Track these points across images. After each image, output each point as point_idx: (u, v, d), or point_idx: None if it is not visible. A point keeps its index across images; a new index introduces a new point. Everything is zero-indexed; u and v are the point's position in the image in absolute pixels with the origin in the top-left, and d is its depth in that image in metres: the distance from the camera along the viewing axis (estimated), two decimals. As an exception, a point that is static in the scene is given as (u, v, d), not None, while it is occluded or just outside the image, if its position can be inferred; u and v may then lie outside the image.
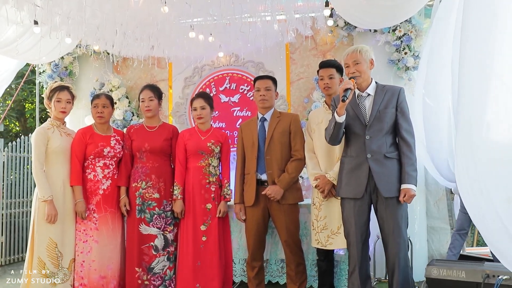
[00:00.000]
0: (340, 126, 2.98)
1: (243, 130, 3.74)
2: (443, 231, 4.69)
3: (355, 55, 3.04)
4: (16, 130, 10.08)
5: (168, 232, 3.69)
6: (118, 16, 3.79)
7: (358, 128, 3.04)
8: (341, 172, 3.15)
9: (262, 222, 3.59)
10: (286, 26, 4.49)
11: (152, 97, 3.74)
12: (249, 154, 3.63)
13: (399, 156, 3.00)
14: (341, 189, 3.12)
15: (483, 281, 2.67)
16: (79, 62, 5.37)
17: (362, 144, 3.01)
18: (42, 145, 3.49)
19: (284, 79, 5.05)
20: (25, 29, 4.19)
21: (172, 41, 4.46)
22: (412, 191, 2.90)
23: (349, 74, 3.05)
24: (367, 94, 3.07)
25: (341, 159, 3.19)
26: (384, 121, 2.98)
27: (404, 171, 2.93)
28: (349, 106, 3.04)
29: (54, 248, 3.46)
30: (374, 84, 3.11)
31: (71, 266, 3.52)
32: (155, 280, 3.63)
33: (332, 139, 3.08)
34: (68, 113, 3.68)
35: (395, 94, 3.02)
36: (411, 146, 2.97)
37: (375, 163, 2.97)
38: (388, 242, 2.97)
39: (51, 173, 3.51)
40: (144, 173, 3.67)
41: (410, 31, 4.45)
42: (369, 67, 3.08)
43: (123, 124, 5.18)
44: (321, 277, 3.60)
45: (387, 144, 3.00)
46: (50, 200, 3.42)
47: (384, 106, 3.00)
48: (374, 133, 2.99)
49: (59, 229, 3.47)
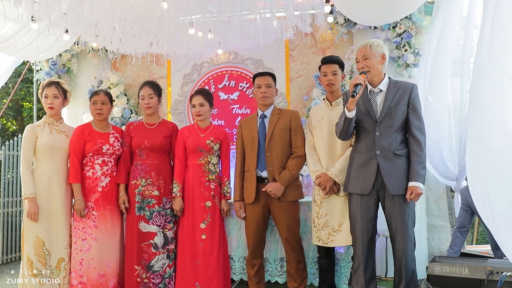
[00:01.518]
0: (350, 121, 2.95)
1: (242, 127, 3.71)
2: (443, 229, 4.67)
3: (365, 50, 3.00)
4: (13, 128, 10.03)
5: (168, 229, 3.66)
6: (116, 12, 3.75)
7: (368, 124, 3.01)
8: (349, 167, 3.12)
9: (262, 220, 3.57)
10: (286, 23, 4.48)
11: (152, 94, 3.71)
12: (249, 151, 3.60)
13: (409, 153, 2.96)
14: (349, 185, 3.10)
15: (487, 278, 2.64)
16: (77, 59, 5.35)
17: (371, 140, 2.99)
18: (29, 143, 3.47)
19: (283, 76, 5.03)
20: (22, 26, 4.16)
21: (171, 37, 4.42)
22: (419, 189, 2.86)
23: (359, 69, 3.02)
24: (379, 90, 3.03)
25: (350, 154, 3.16)
26: (395, 118, 2.95)
27: (412, 168, 2.90)
28: (361, 101, 3.02)
29: (42, 247, 3.42)
30: (387, 80, 3.06)
31: (60, 265, 3.48)
32: (155, 278, 3.60)
33: (342, 134, 3.05)
34: (57, 108, 3.61)
35: (407, 91, 2.97)
36: (421, 143, 2.93)
37: (383, 159, 2.94)
38: (395, 239, 2.95)
39: (37, 170, 3.49)
40: (144, 170, 3.64)
41: (410, 28, 4.42)
42: (380, 62, 3.02)
43: (122, 122, 5.15)
44: (322, 275, 3.58)
45: (397, 141, 2.96)
46: (31, 197, 3.39)
47: (395, 103, 2.96)
48: (384, 129, 2.96)
49: (45, 227, 3.44)
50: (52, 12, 3.69)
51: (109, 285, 3.55)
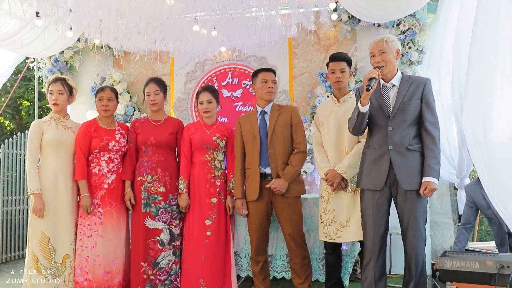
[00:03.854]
0: (364, 116, 2.92)
1: (241, 123, 3.68)
2: (446, 226, 4.70)
3: (381, 45, 2.97)
4: (11, 127, 9.96)
5: (174, 226, 3.65)
6: (123, 8, 3.74)
7: (381, 119, 2.98)
8: (362, 163, 3.10)
9: (266, 216, 3.56)
10: (290, 21, 4.48)
11: (157, 91, 3.70)
12: (250, 148, 3.59)
13: (422, 148, 2.93)
14: (361, 180, 3.07)
15: (498, 272, 2.65)
16: (81, 56, 5.31)
17: (384, 136, 2.96)
18: (35, 138, 3.45)
19: (287, 74, 5.03)
20: (26, 23, 4.13)
21: (175, 35, 4.42)
22: (433, 185, 2.82)
23: (374, 63, 2.98)
24: (392, 85, 3.01)
25: (363, 150, 3.14)
26: (407, 113, 2.92)
27: (426, 163, 2.86)
28: (373, 96, 2.99)
29: (47, 243, 3.40)
30: (400, 74, 3.04)
31: (65, 262, 3.46)
32: (161, 274, 3.58)
33: (356, 130, 3.03)
34: (62, 105, 3.59)
35: (420, 85, 2.94)
36: (435, 138, 2.89)
37: (396, 155, 2.91)
38: (406, 235, 2.93)
39: (44, 166, 3.47)
40: (150, 167, 3.63)
41: (414, 25, 4.44)
42: (395, 57, 3.01)
43: (124, 119, 5.13)
44: (329, 271, 3.57)
45: (410, 136, 2.93)
46: (37, 193, 3.38)
47: (408, 97, 2.93)
48: (397, 124, 2.93)
49: (51, 223, 3.42)
50: (58, 8, 3.68)
51: (114, 282, 3.53)
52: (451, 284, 2.93)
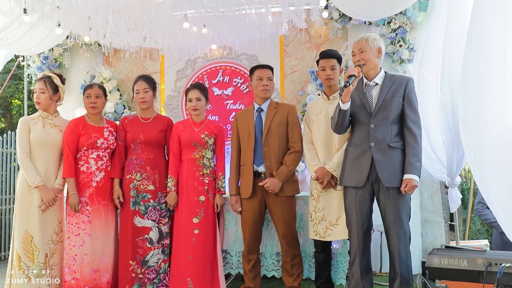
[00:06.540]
0: (345, 114, 2.94)
1: (238, 120, 3.67)
2: (437, 224, 4.69)
3: (361, 44, 3.02)
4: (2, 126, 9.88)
5: (163, 224, 3.62)
6: (111, 4, 3.70)
7: (363, 116, 3.01)
8: (345, 160, 3.12)
9: (259, 214, 3.55)
10: (281, 19, 4.46)
11: (147, 89, 3.67)
12: (245, 145, 3.57)
13: (404, 146, 2.95)
14: (344, 177, 3.09)
15: (486, 269, 2.65)
16: (70, 54, 5.28)
17: (366, 133, 2.98)
18: (24, 134, 3.41)
19: (278, 72, 5.01)
20: (13, 19, 4.09)
21: (165, 32, 4.39)
22: (414, 182, 2.85)
23: (355, 62, 3.03)
24: (375, 83, 3.04)
25: (345, 147, 3.16)
26: (389, 110, 2.94)
27: (407, 161, 2.89)
28: (356, 94, 3.02)
29: (30, 242, 3.34)
30: (383, 73, 3.08)
31: (47, 262, 3.40)
32: (150, 273, 3.56)
33: (338, 127, 3.05)
34: (44, 104, 3.52)
35: (402, 84, 2.98)
36: (417, 136, 2.92)
37: (378, 152, 2.93)
38: (389, 233, 2.95)
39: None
40: (139, 165, 3.60)
41: (405, 23, 4.44)
42: (376, 56, 3.04)
43: (114, 117, 5.09)
44: (319, 270, 3.56)
45: (392, 133, 2.95)
46: (42, 185, 3.35)
47: (390, 95, 2.96)
48: (379, 121, 2.96)
49: (36, 222, 3.36)
50: (45, 4, 3.63)
51: (102, 281, 3.49)
52: (440, 282, 2.92)
